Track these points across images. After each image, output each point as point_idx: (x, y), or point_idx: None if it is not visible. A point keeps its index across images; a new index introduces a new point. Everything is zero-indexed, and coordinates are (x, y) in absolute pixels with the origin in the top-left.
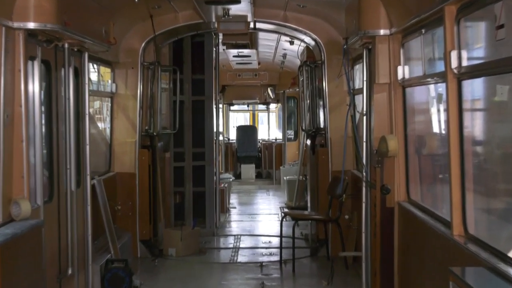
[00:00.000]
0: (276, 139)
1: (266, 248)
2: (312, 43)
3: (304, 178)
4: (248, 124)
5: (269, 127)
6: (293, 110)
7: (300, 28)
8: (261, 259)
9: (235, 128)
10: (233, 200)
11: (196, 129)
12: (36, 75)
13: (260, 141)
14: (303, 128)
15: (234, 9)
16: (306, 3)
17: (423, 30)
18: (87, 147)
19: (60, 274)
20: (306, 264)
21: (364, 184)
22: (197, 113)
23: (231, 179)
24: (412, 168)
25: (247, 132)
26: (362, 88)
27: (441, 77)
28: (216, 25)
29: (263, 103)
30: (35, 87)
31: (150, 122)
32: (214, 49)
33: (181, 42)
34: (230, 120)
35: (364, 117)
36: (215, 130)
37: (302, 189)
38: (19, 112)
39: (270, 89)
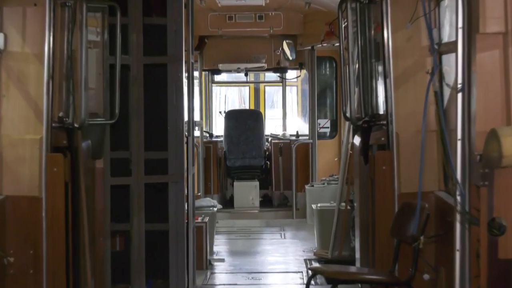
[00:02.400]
0: (298, 136)
1: None
2: None
3: (349, 207)
4: (247, 107)
5: (285, 114)
6: (330, 83)
7: None
8: None
9: (224, 115)
10: (220, 246)
11: (151, 117)
12: None
13: (269, 139)
14: (348, 115)
15: None
16: None
17: None
18: None
19: None
20: None
21: (458, 217)
22: (154, 88)
23: (215, 208)
24: None
25: (245, 122)
26: (456, 43)
27: None
28: None
29: (275, 70)
30: None
31: (67, 105)
32: None
33: None
34: (215, 101)
35: (459, 95)
36: (186, 119)
37: (345, 227)
38: None
39: (288, 43)
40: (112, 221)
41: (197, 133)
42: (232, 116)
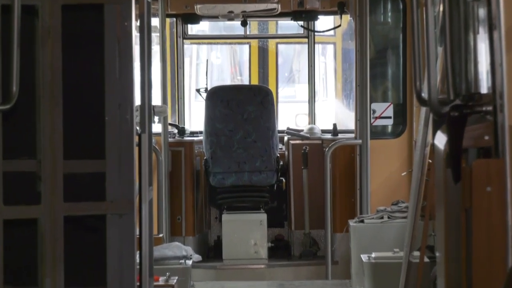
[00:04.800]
0: (336, 132)
1: None
2: None
3: (426, 258)
4: (246, 82)
5: (314, 93)
6: (393, 39)
7: None
8: None
9: (205, 94)
10: None
11: (77, 100)
12: None
13: (286, 138)
14: (425, 95)
15: None
16: None
17: None
18: None
19: None
20: None
21: None
22: (81, 48)
23: (189, 261)
24: None
25: (243, 108)
26: None
27: None
28: None
29: (295, 16)
30: None
31: None
32: None
33: None
34: (188, 71)
35: None
36: (137, 103)
37: None
38: None
39: None
40: (8, 283)
41: (157, 127)
42: (220, 98)
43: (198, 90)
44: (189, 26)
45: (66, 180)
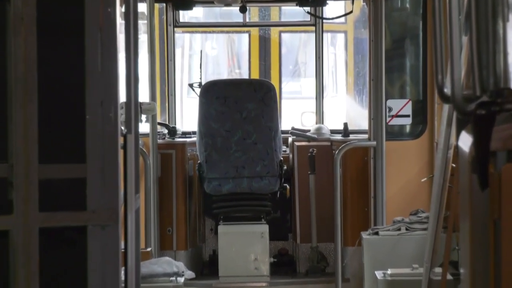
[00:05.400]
0: (347, 133)
1: None
2: None
3: (450, 276)
4: (245, 77)
5: (322, 89)
6: (412, 27)
7: None
8: None
9: (198, 90)
10: None
11: (54, 97)
12: None
13: (290, 140)
14: (447, 91)
15: None
16: None
17: None
18: None
19: None
20: None
21: None
22: (58, 38)
23: (181, 279)
24: None
25: (242, 106)
26: None
27: None
28: None
29: (300, 0)
30: None
31: None
32: None
33: None
34: (180, 63)
35: None
36: (122, 100)
37: None
38: None
39: None
40: None
41: (145, 127)
42: (216, 94)
43: (191, 85)
44: (181, 12)
45: (41, 187)
